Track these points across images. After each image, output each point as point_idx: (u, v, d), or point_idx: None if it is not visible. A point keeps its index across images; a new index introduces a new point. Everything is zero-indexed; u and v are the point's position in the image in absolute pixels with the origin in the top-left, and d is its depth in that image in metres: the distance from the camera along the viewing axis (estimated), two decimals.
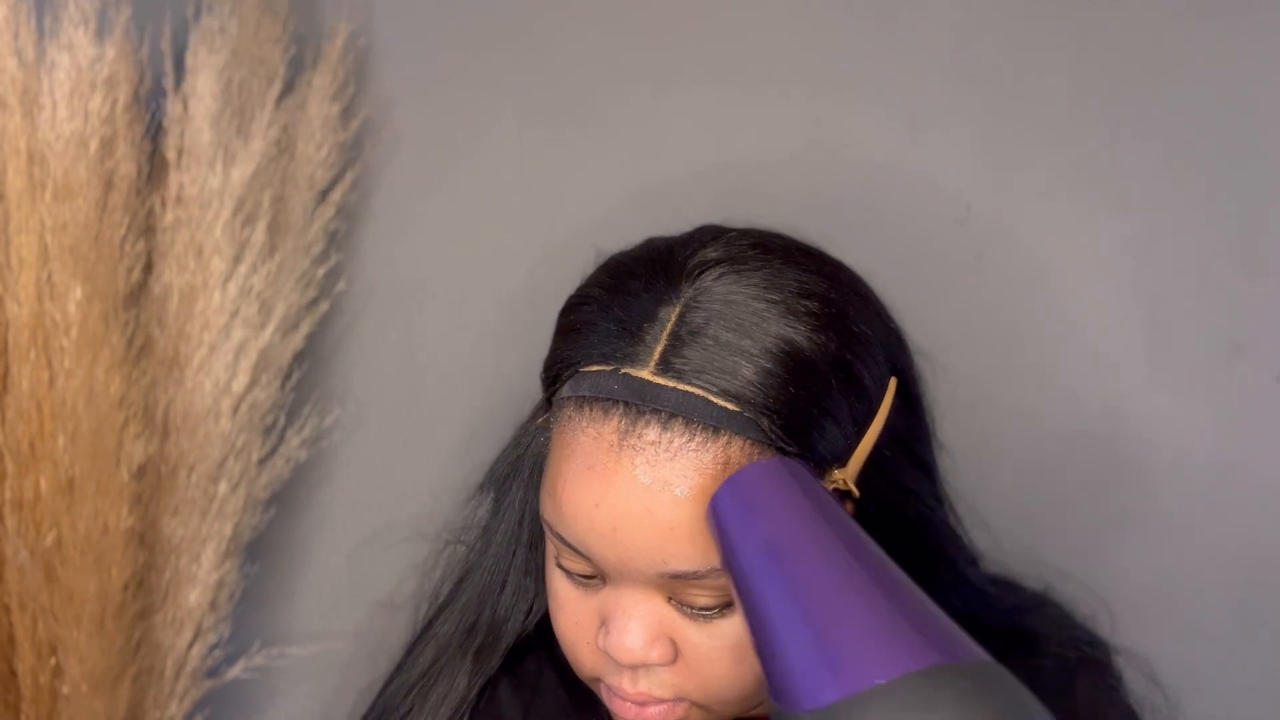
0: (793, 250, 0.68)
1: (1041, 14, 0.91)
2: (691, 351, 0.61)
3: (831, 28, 0.93)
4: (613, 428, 0.61)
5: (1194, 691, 0.92)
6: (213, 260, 0.89)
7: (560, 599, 0.67)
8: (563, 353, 0.65)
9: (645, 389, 0.61)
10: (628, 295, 0.64)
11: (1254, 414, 0.92)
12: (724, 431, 0.61)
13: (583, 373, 0.63)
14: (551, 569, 0.67)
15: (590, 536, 0.62)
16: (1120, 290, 0.93)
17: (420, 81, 0.96)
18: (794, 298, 0.64)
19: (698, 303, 0.63)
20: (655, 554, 0.61)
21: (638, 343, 0.62)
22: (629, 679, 0.65)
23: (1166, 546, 0.94)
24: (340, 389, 0.99)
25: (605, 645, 0.64)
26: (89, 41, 0.84)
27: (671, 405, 0.61)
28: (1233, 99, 0.90)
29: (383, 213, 0.98)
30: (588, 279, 0.69)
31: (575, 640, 0.67)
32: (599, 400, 0.62)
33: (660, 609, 0.63)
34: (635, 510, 0.61)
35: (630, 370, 0.62)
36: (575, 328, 0.66)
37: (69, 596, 0.86)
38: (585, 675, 0.68)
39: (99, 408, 0.86)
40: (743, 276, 0.64)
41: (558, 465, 0.64)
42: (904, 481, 0.69)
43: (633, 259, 0.68)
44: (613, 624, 0.64)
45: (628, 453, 0.61)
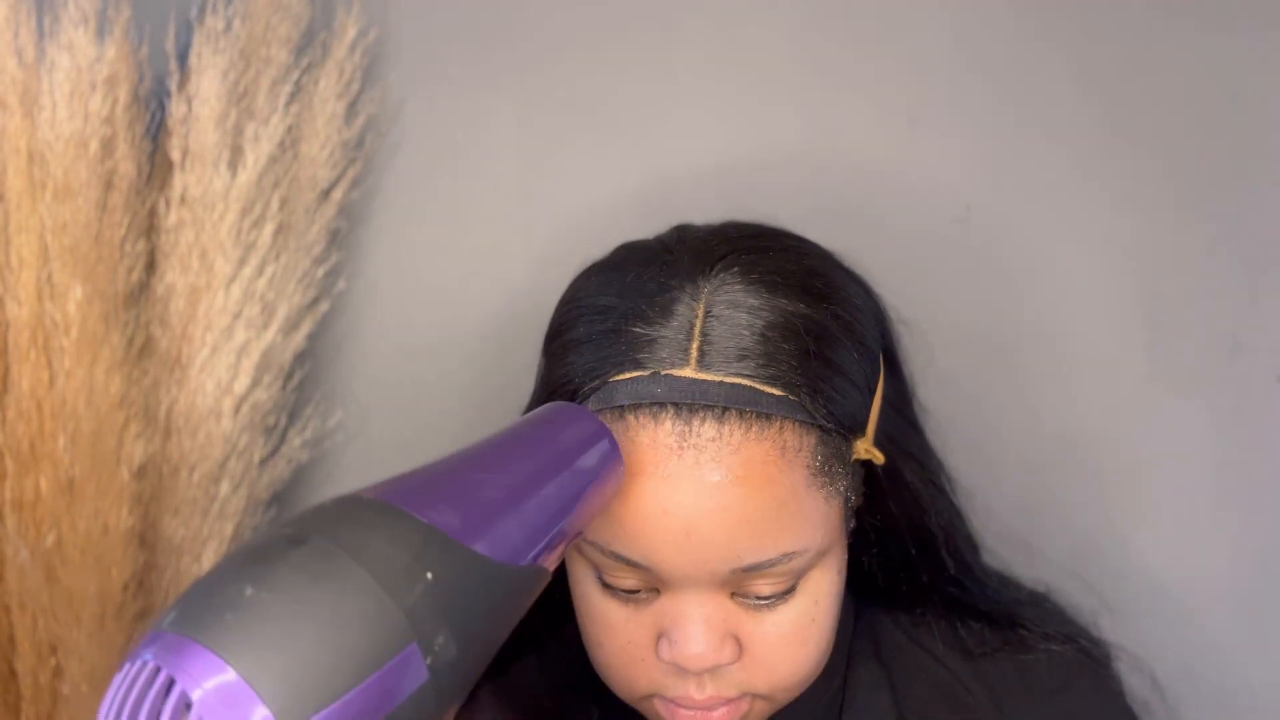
0: (776, 234, 0.70)
1: (1041, 14, 0.91)
2: (726, 343, 0.61)
3: (831, 28, 0.93)
4: (667, 430, 0.60)
5: (1193, 692, 0.92)
6: (216, 261, 0.89)
7: (607, 621, 0.65)
8: (578, 367, 0.64)
9: (693, 387, 0.61)
10: (641, 298, 0.63)
11: (1254, 414, 0.92)
12: (775, 417, 0.61)
13: (614, 383, 0.62)
14: (590, 593, 0.65)
15: (660, 545, 0.61)
16: (1120, 290, 0.93)
17: (423, 80, 0.96)
18: (803, 277, 0.65)
19: (720, 295, 0.63)
20: (729, 550, 0.61)
21: (670, 343, 0.62)
22: (695, 685, 0.64)
23: (1166, 546, 0.94)
24: (342, 390, 0.99)
25: (672, 656, 0.63)
26: (89, 41, 0.84)
27: (723, 399, 0.60)
28: (1233, 99, 0.90)
29: (384, 212, 0.98)
30: (578, 292, 0.67)
31: (628, 661, 0.65)
32: (644, 406, 0.61)
33: (723, 606, 0.63)
34: (709, 509, 0.60)
35: (672, 371, 0.61)
36: (587, 340, 0.64)
37: (69, 596, 0.86)
38: (638, 695, 0.67)
39: (99, 408, 0.86)
40: (754, 264, 0.65)
41: None
42: (905, 446, 0.70)
43: (628, 263, 0.67)
44: (677, 632, 0.62)
45: (690, 453, 0.60)
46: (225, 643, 0.40)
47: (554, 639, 0.76)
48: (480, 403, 0.96)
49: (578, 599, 0.67)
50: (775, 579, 0.62)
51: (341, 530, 0.46)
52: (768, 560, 0.61)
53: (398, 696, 0.43)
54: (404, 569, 0.45)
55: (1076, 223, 0.93)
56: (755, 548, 0.61)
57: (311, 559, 0.44)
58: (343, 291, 0.98)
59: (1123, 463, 0.94)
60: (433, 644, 0.44)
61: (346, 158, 0.95)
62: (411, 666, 0.43)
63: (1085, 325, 0.94)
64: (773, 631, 0.64)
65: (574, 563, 0.66)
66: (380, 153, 0.97)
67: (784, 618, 0.64)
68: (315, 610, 0.42)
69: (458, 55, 0.96)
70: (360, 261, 0.98)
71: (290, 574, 0.43)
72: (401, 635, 0.43)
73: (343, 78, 0.93)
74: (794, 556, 0.62)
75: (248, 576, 0.43)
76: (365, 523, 0.46)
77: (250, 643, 0.40)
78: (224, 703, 0.38)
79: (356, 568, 0.44)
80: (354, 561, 0.44)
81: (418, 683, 0.44)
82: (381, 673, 0.42)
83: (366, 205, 0.98)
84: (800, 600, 0.64)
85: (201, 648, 0.39)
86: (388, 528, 0.46)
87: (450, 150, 0.97)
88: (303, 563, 0.44)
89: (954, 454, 0.80)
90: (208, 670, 0.39)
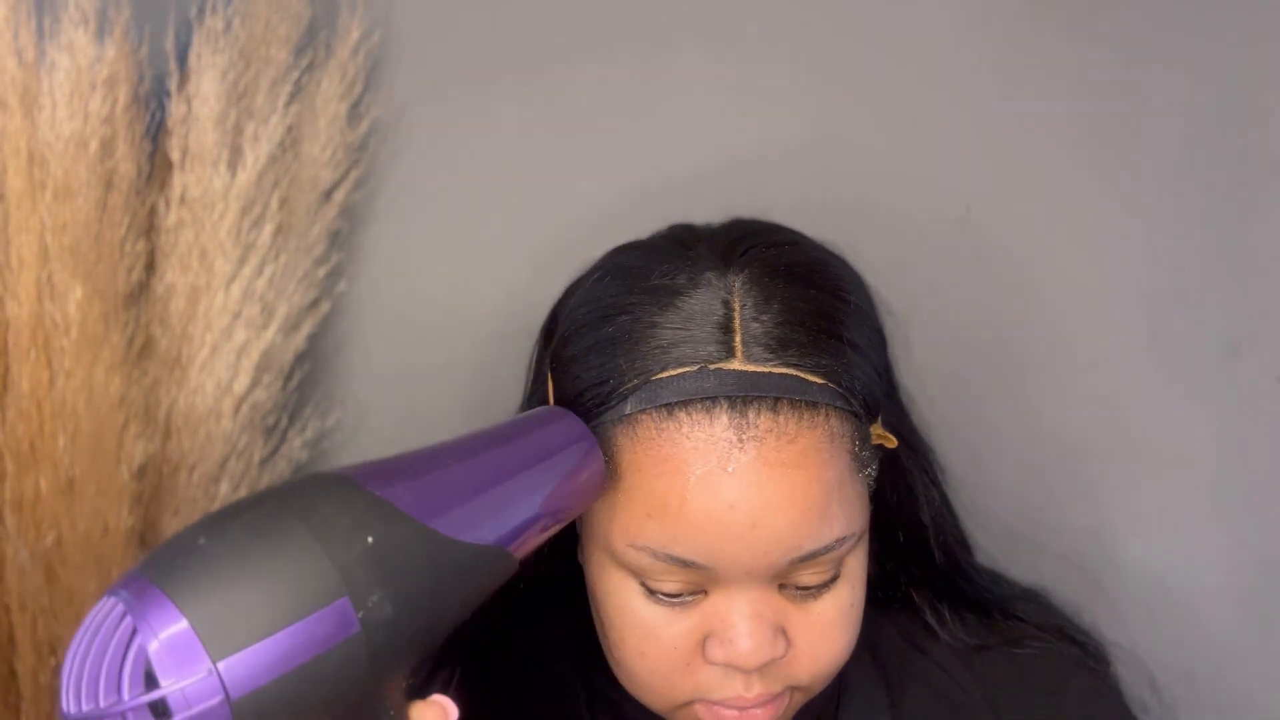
0: (779, 229, 0.70)
1: (1041, 13, 0.91)
2: (768, 334, 0.61)
3: (832, 27, 0.93)
4: (724, 424, 0.60)
5: (1192, 692, 0.92)
6: (216, 261, 0.89)
7: (648, 627, 0.64)
8: (610, 369, 0.63)
9: (745, 380, 0.60)
10: (671, 295, 0.63)
11: (1254, 414, 0.92)
12: (821, 405, 0.61)
13: (657, 381, 0.61)
14: (632, 603, 0.64)
15: (726, 541, 0.60)
16: (1120, 290, 0.93)
17: (427, 82, 0.96)
18: (819, 267, 0.66)
19: (751, 287, 0.63)
20: (793, 539, 0.60)
21: (714, 338, 0.61)
22: (745, 684, 0.63)
23: (1166, 546, 0.94)
24: (341, 390, 0.99)
25: (727, 656, 0.62)
26: (89, 41, 0.84)
27: (775, 390, 0.60)
28: (1233, 99, 0.90)
29: (386, 213, 0.98)
30: (596, 295, 0.66)
31: (672, 668, 0.64)
32: (695, 402, 0.60)
33: (772, 600, 0.63)
34: (775, 500, 0.60)
35: (721, 365, 0.61)
36: (618, 341, 0.63)
37: (69, 596, 0.86)
38: (677, 703, 0.66)
39: (99, 408, 0.86)
40: (776, 257, 0.65)
41: (657, 482, 0.61)
42: (900, 431, 0.70)
43: (646, 263, 0.66)
44: (731, 630, 0.62)
45: (751, 445, 0.60)
46: (177, 588, 0.46)
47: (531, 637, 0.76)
48: (480, 403, 0.96)
49: (613, 611, 0.65)
50: (824, 567, 0.63)
51: (294, 495, 0.51)
52: (823, 547, 0.61)
53: (327, 643, 0.47)
54: (345, 530, 0.49)
55: (1077, 223, 0.93)
56: (814, 535, 0.61)
57: (261, 517, 0.49)
58: (343, 292, 0.98)
59: (1123, 463, 0.94)
60: (366, 600, 0.48)
61: (349, 159, 0.95)
62: (343, 617, 0.48)
63: (1085, 325, 0.94)
64: (818, 620, 0.64)
65: (608, 573, 0.65)
66: (383, 155, 0.97)
67: (828, 605, 0.64)
68: (255, 560, 0.47)
69: (461, 57, 0.96)
70: (361, 262, 0.98)
71: (239, 528, 0.48)
72: (334, 587, 0.48)
73: (346, 79, 0.93)
74: (844, 541, 0.62)
75: (205, 529, 0.49)
76: (319, 491, 0.51)
77: (195, 586, 0.46)
78: (173, 651, 0.45)
79: (299, 525, 0.49)
80: (299, 520, 0.49)
81: (347, 633, 0.48)
82: (311, 618, 0.47)
83: (368, 207, 0.98)
84: (842, 587, 0.64)
85: (160, 594, 0.46)
86: (338, 496, 0.51)
87: (453, 152, 0.97)
88: (252, 520, 0.49)
89: (954, 453, 0.80)
90: (163, 620, 0.45)
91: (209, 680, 0.45)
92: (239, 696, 0.45)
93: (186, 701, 0.44)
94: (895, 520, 0.73)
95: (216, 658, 0.45)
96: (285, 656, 0.46)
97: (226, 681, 0.45)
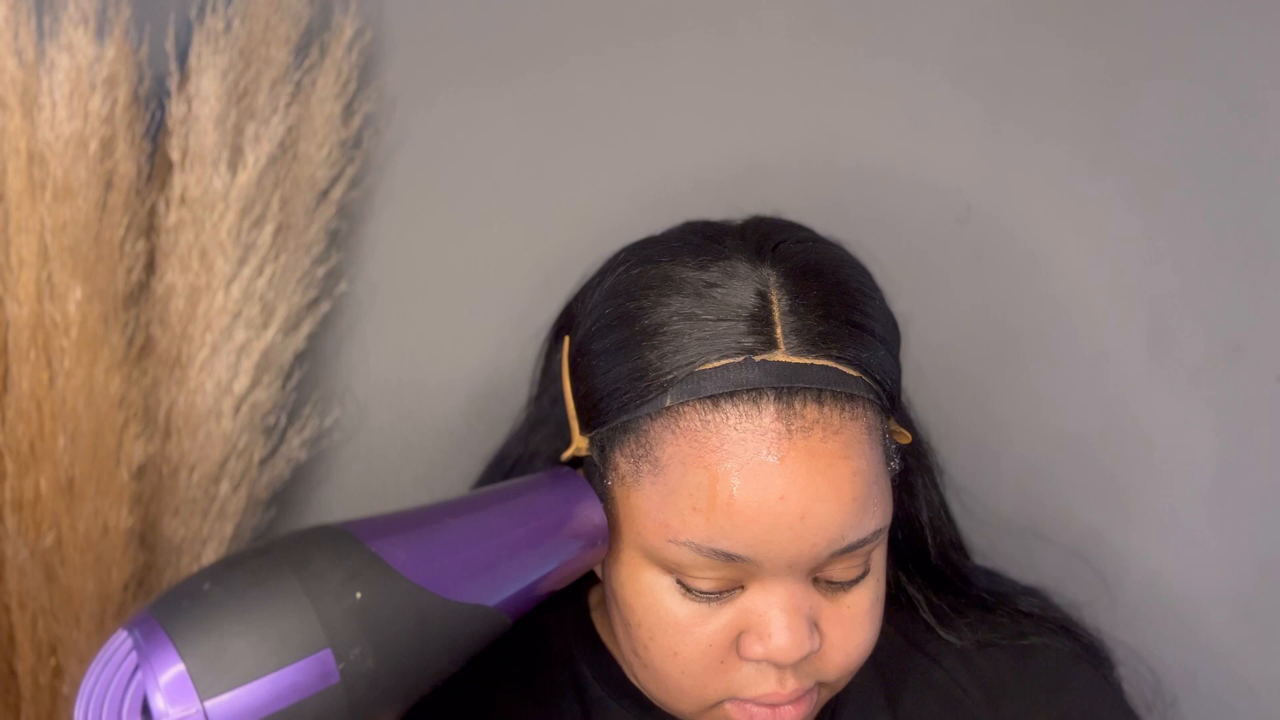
0: (798, 226, 0.70)
1: (1041, 14, 0.92)
2: (808, 327, 0.62)
3: (833, 27, 0.93)
4: (771, 415, 0.60)
5: (1193, 692, 0.92)
6: (216, 261, 0.89)
7: (683, 625, 0.63)
8: (648, 362, 0.62)
9: (789, 371, 0.60)
10: (709, 287, 0.62)
11: (1254, 414, 0.92)
12: (858, 398, 0.62)
13: (701, 372, 0.61)
14: (666, 601, 0.63)
15: (773, 533, 0.60)
16: (1120, 290, 0.93)
17: (421, 79, 0.96)
18: (846, 262, 0.67)
19: (786, 280, 0.63)
20: (839, 530, 0.61)
21: (755, 330, 0.61)
22: (779, 679, 0.63)
23: (1166, 546, 0.94)
24: (341, 389, 0.99)
25: (766, 651, 0.62)
26: (89, 41, 0.84)
27: (819, 381, 0.60)
28: (1233, 99, 0.90)
29: (384, 212, 0.98)
30: (624, 289, 0.65)
31: (706, 665, 0.64)
32: (742, 393, 0.60)
33: (808, 595, 0.63)
34: (824, 491, 0.60)
35: (766, 356, 0.61)
36: (655, 332, 0.62)
37: (69, 596, 0.86)
38: (707, 703, 0.65)
39: (99, 408, 0.86)
40: (805, 251, 0.65)
41: (703, 475, 0.60)
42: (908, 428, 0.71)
43: (675, 256, 0.65)
44: (769, 625, 0.62)
45: (799, 436, 0.60)
46: (179, 630, 0.51)
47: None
48: (479, 403, 0.96)
49: (643, 611, 0.64)
50: (858, 560, 0.63)
51: (296, 548, 0.55)
52: (862, 539, 0.62)
53: (307, 690, 0.51)
54: (335, 585, 0.53)
55: (1077, 222, 0.93)
56: (857, 526, 0.61)
57: (261, 567, 0.53)
58: (343, 292, 0.98)
59: (1123, 463, 0.94)
60: (348, 652, 0.52)
61: (345, 157, 0.95)
62: (323, 667, 0.52)
63: (1085, 325, 0.94)
64: (848, 614, 0.64)
65: (641, 571, 0.64)
66: (378, 152, 0.97)
67: (857, 599, 0.64)
68: (250, 609, 0.52)
69: (455, 54, 0.96)
70: (359, 261, 0.98)
71: (240, 576, 0.53)
72: (317, 639, 0.52)
73: (340, 77, 0.93)
74: (880, 534, 0.63)
75: (212, 574, 0.53)
76: (319, 544, 0.55)
77: (194, 630, 0.51)
78: (168, 689, 0.50)
79: (293, 578, 0.53)
80: (293, 573, 0.53)
81: (327, 683, 0.52)
82: (293, 667, 0.51)
83: (365, 205, 0.98)
84: (870, 580, 0.65)
85: (164, 635, 0.51)
86: (333, 550, 0.55)
87: (448, 150, 0.97)
88: (253, 569, 0.53)
89: (955, 453, 0.80)
90: (163, 660, 0.50)
91: (196, 717, 0.50)
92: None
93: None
94: (896, 517, 0.73)
95: (205, 697, 0.50)
96: (267, 701, 0.51)
97: (212, 719, 0.50)
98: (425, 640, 0.55)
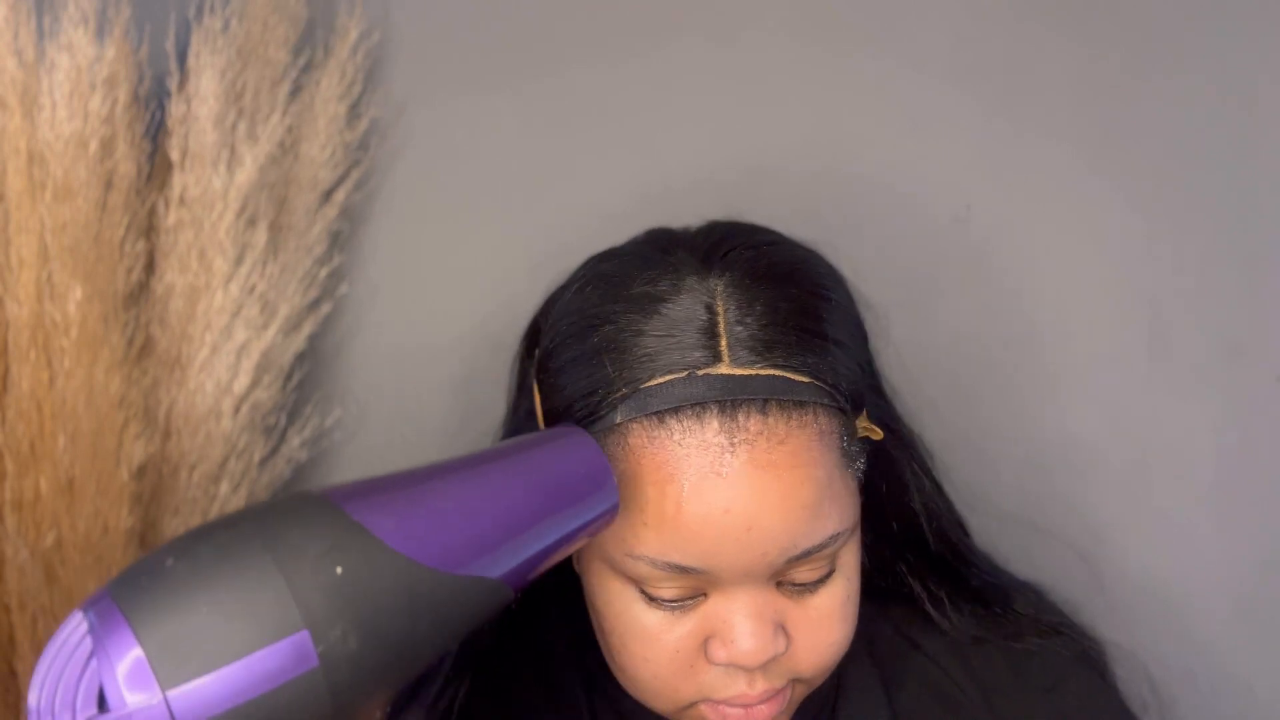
0: (756, 229, 0.70)
1: (1041, 14, 0.91)
2: (752, 336, 0.62)
3: (832, 28, 0.93)
4: (714, 429, 0.60)
5: (1192, 692, 0.92)
6: (216, 261, 0.89)
7: (650, 633, 0.64)
8: (597, 379, 0.63)
9: (732, 384, 0.61)
10: (655, 302, 0.63)
11: (1254, 414, 0.92)
12: (808, 404, 0.62)
13: (646, 389, 0.61)
14: (631, 610, 0.64)
15: (721, 545, 0.60)
16: (1120, 290, 0.93)
17: (426, 83, 0.96)
18: (799, 266, 0.66)
19: (733, 289, 0.63)
20: (788, 539, 0.61)
21: (700, 343, 0.61)
22: (748, 681, 0.64)
23: (1166, 546, 0.94)
24: (341, 390, 0.99)
25: (729, 656, 0.63)
26: (89, 41, 0.84)
27: (763, 391, 0.61)
28: (1233, 98, 0.90)
29: (385, 214, 0.98)
30: (578, 305, 0.66)
31: (675, 670, 0.64)
32: (686, 408, 0.60)
33: (770, 599, 0.63)
34: (770, 502, 0.60)
35: (709, 370, 0.61)
36: (604, 350, 0.63)
37: (69, 596, 0.86)
38: (681, 705, 0.66)
39: (99, 408, 0.86)
40: (755, 258, 0.65)
41: (651, 491, 0.61)
42: (885, 421, 0.71)
43: (625, 271, 0.66)
44: (732, 630, 0.62)
45: (743, 449, 0.60)
46: (137, 611, 0.45)
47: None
48: (479, 403, 0.96)
49: (612, 619, 0.65)
50: (819, 563, 0.63)
51: (270, 518, 0.49)
52: (818, 545, 0.62)
53: (280, 677, 0.46)
54: (312, 559, 0.47)
55: (1077, 222, 0.93)
56: (809, 533, 0.61)
57: (231, 539, 0.47)
58: (344, 294, 0.98)
59: (1123, 463, 0.94)
60: (328, 634, 0.47)
61: (349, 159, 0.95)
62: (299, 651, 0.46)
63: (1085, 325, 0.94)
64: (816, 615, 0.64)
65: (607, 581, 0.65)
66: (382, 154, 0.97)
67: (825, 599, 0.65)
68: (217, 586, 0.46)
69: (460, 58, 0.96)
70: (361, 262, 0.98)
71: (207, 550, 0.47)
72: (292, 620, 0.46)
73: (344, 79, 0.93)
74: (839, 537, 0.63)
75: (175, 548, 0.47)
76: (295, 513, 0.49)
77: (154, 610, 0.45)
78: (126, 677, 0.44)
79: (264, 553, 0.47)
80: (265, 547, 0.47)
81: (304, 668, 0.46)
82: (265, 651, 0.45)
83: (368, 207, 0.98)
84: (837, 580, 0.65)
85: (120, 617, 0.45)
86: (312, 521, 0.49)
87: (452, 153, 0.97)
88: (222, 542, 0.47)
89: (954, 452, 0.80)
90: (119, 645, 0.44)
91: (158, 708, 0.44)
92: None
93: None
94: (888, 510, 0.73)
95: (166, 687, 0.44)
96: (237, 690, 0.45)
97: (175, 711, 0.45)
98: (415, 618, 0.50)
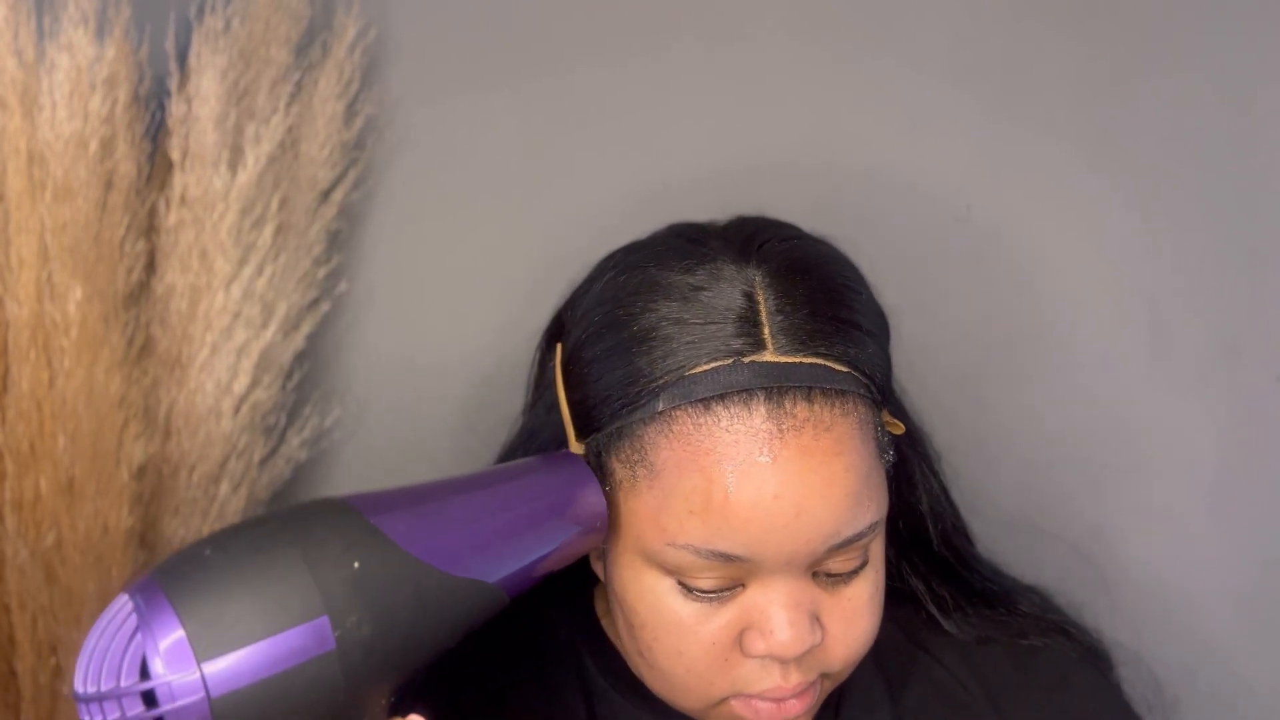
0: (783, 224, 0.70)
1: (1041, 14, 0.92)
2: (795, 325, 0.62)
3: (832, 27, 0.93)
4: (762, 416, 0.61)
5: (1193, 692, 0.92)
6: (216, 261, 0.89)
7: (686, 625, 0.64)
8: (639, 368, 0.62)
9: (778, 371, 0.61)
10: (696, 290, 0.63)
11: (1254, 414, 0.92)
12: (848, 393, 0.62)
13: (691, 376, 0.61)
14: (669, 602, 0.64)
15: (769, 532, 0.61)
16: (1120, 290, 0.93)
17: (423, 81, 0.96)
18: (829, 258, 0.67)
19: (772, 279, 0.63)
20: (833, 526, 0.61)
21: (742, 331, 0.62)
22: (783, 674, 0.64)
23: (1167, 546, 0.94)
24: (341, 389, 0.99)
25: (768, 647, 0.63)
26: (89, 41, 0.84)
27: (808, 379, 0.61)
28: (1233, 98, 0.90)
29: (384, 213, 0.98)
30: (613, 295, 0.66)
31: (710, 663, 0.64)
32: (732, 395, 0.61)
33: (807, 589, 0.63)
34: (818, 488, 0.60)
35: (754, 358, 0.61)
36: (644, 338, 0.63)
37: (69, 596, 0.86)
38: (713, 700, 0.66)
39: (99, 408, 0.86)
40: (790, 249, 0.66)
41: (698, 478, 0.61)
42: (901, 418, 0.71)
43: (661, 260, 0.66)
44: (771, 621, 0.62)
45: (791, 435, 0.60)
46: (179, 594, 0.52)
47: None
48: (478, 403, 0.96)
49: (645, 612, 0.65)
50: (855, 552, 0.64)
51: (297, 518, 0.56)
52: (858, 533, 0.62)
53: (302, 655, 0.52)
54: (334, 554, 0.54)
55: (1077, 222, 0.93)
56: (851, 521, 0.62)
57: (262, 534, 0.54)
58: (343, 293, 0.98)
59: (1123, 462, 0.94)
60: (344, 620, 0.53)
61: (347, 158, 0.95)
62: (319, 634, 0.53)
63: (1086, 324, 0.94)
64: (849, 606, 0.65)
65: (641, 575, 0.65)
66: (380, 154, 0.97)
67: (857, 590, 0.65)
68: (249, 575, 0.53)
69: (458, 56, 0.96)
70: (360, 262, 0.98)
71: (241, 544, 0.54)
72: (315, 606, 0.52)
73: (342, 78, 0.93)
74: (876, 526, 0.64)
75: (213, 541, 0.54)
76: (320, 515, 0.56)
77: (194, 594, 0.52)
78: (167, 651, 0.51)
79: (293, 546, 0.54)
80: (293, 541, 0.54)
81: (323, 649, 0.53)
82: (290, 632, 0.52)
83: (366, 206, 0.98)
84: (869, 572, 0.65)
85: (164, 600, 0.51)
86: (334, 522, 0.56)
87: (450, 152, 0.97)
88: (255, 536, 0.54)
89: (955, 452, 0.80)
90: (163, 623, 0.51)
91: (194, 679, 0.50)
92: (219, 695, 0.51)
93: (172, 695, 0.50)
94: (895, 508, 0.73)
95: (202, 659, 0.51)
96: (264, 664, 0.51)
97: (209, 681, 0.51)
98: (421, 612, 0.56)
